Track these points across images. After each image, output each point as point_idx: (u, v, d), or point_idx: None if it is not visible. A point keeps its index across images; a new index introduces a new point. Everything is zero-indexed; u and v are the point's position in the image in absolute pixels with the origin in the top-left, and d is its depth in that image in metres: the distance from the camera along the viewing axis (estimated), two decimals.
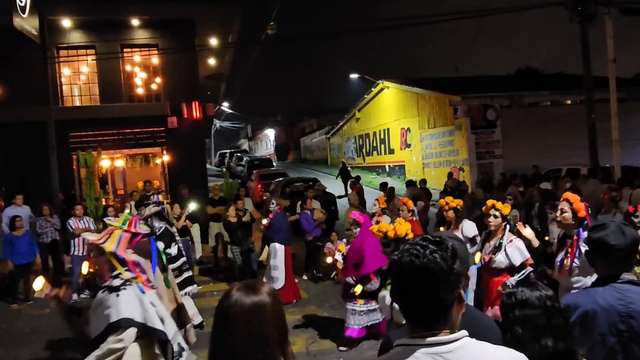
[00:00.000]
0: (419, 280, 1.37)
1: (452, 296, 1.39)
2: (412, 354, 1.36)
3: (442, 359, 1.35)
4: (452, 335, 1.38)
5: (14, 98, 14.24)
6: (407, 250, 1.40)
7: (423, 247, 1.39)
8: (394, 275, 1.43)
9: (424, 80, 23.36)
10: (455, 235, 2.18)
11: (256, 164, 26.75)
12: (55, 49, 14.72)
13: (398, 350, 1.41)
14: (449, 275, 1.37)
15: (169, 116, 15.32)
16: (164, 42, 15.48)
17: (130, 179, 17.69)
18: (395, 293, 1.45)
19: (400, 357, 1.38)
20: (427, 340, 1.36)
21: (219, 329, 1.54)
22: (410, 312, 1.41)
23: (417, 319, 1.40)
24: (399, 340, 1.44)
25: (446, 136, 19.69)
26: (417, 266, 1.36)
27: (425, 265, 1.36)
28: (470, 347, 1.39)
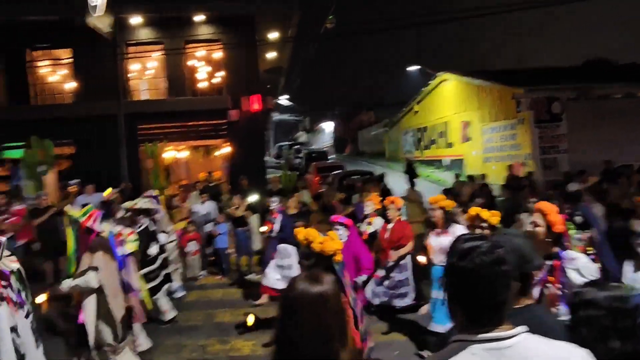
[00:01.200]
0: (474, 279, 1.39)
1: (506, 295, 1.40)
2: (470, 350, 1.38)
3: (500, 354, 1.35)
4: (512, 331, 1.38)
5: (88, 93, 15.19)
6: (470, 251, 1.41)
7: (477, 247, 1.41)
8: (460, 279, 1.44)
9: (486, 72, 22.61)
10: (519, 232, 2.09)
11: (314, 156, 27.01)
12: (125, 46, 15.49)
13: (455, 346, 1.41)
14: (504, 274, 1.39)
15: (230, 109, 15.79)
16: (226, 38, 15.94)
17: (192, 170, 18.37)
18: (454, 292, 1.46)
19: (458, 352, 1.39)
20: (486, 336, 1.37)
21: (284, 319, 1.55)
22: (469, 310, 1.42)
23: (477, 316, 1.41)
24: (455, 336, 1.44)
25: (508, 130, 19.01)
26: (474, 265, 1.39)
27: (481, 264, 1.38)
28: (529, 342, 1.39)
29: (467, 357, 1.37)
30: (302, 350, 1.49)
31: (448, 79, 23.85)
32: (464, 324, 1.44)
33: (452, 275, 1.47)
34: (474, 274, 1.40)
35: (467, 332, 1.41)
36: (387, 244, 6.55)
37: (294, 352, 1.51)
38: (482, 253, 1.40)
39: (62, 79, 15.74)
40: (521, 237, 2.06)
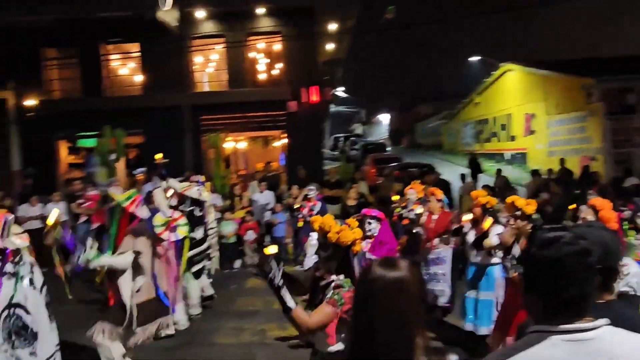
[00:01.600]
0: (567, 268, 1.36)
1: (591, 286, 1.38)
2: (550, 340, 1.35)
3: (582, 346, 1.33)
4: (594, 323, 1.36)
5: (155, 85, 15.85)
6: (554, 241, 1.39)
7: (561, 237, 1.39)
8: (542, 268, 1.40)
9: (553, 62, 21.58)
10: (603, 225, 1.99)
11: (370, 148, 26.86)
12: (190, 39, 16.01)
13: (533, 337, 1.39)
14: (590, 266, 1.36)
15: (289, 100, 15.99)
16: (286, 30, 16.13)
17: (251, 160, 18.80)
18: (533, 283, 1.43)
19: (537, 342, 1.37)
20: (568, 327, 1.35)
21: (361, 304, 1.58)
22: (550, 301, 1.40)
23: (558, 308, 1.38)
24: (534, 327, 1.42)
25: (577, 122, 18.10)
26: (575, 253, 1.36)
27: (566, 254, 1.36)
28: (612, 335, 1.36)
29: (547, 347, 1.35)
30: (378, 334, 1.51)
31: (512, 69, 22.99)
32: (542, 315, 1.41)
33: (532, 266, 1.45)
34: (557, 264, 1.36)
35: (546, 324, 1.39)
36: (431, 234, 6.48)
37: (370, 337, 1.52)
38: (566, 243, 1.37)
39: (132, 72, 16.52)
40: (607, 230, 1.99)
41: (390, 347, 1.51)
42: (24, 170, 15.31)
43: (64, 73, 16.88)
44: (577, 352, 1.32)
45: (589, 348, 1.33)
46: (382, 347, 1.51)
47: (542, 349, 1.36)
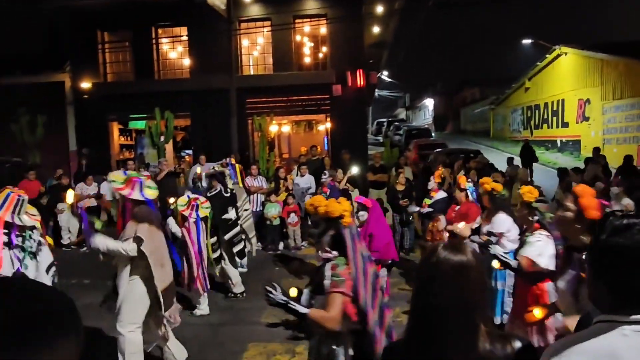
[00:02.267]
0: (632, 258, 1.30)
1: None
2: (620, 331, 1.30)
3: None
4: None
5: (203, 67, 16.11)
6: (628, 227, 1.33)
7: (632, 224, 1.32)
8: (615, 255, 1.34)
9: (612, 44, 20.51)
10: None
11: (414, 133, 26.49)
12: (238, 22, 16.12)
13: (603, 327, 1.34)
14: None
15: (334, 84, 15.91)
16: (332, 12, 15.99)
17: (294, 143, 18.89)
18: (603, 271, 1.38)
19: (608, 333, 1.32)
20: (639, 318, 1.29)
21: (424, 287, 1.56)
22: (621, 290, 1.34)
23: (630, 297, 1.32)
24: (600, 317, 1.37)
25: (636, 108, 17.21)
26: (633, 243, 1.30)
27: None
28: None
29: (618, 337, 1.30)
30: (440, 318, 1.49)
31: (566, 52, 22.03)
32: (611, 305, 1.35)
33: (602, 253, 1.39)
34: (630, 252, 1.31)
35: (616, 313, 1.33)
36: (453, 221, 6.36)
37: (431, 320, 1.51)
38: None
39: (181, 55, 16.85)
40: None
41: (452, 332, 1.49)
42: (79, 150, 15.98)
43: (117, 56, 17.42)
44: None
45: None
46: (444, 331, 1.49)
47: (612, 339, 1.30)
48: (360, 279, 2.73)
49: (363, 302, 2.70)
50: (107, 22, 16.54)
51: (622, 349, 1.28)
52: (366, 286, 2.74)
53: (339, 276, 2.71)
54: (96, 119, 16.36)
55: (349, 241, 2.80)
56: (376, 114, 51.66)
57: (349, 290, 2.70)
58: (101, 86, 16.69)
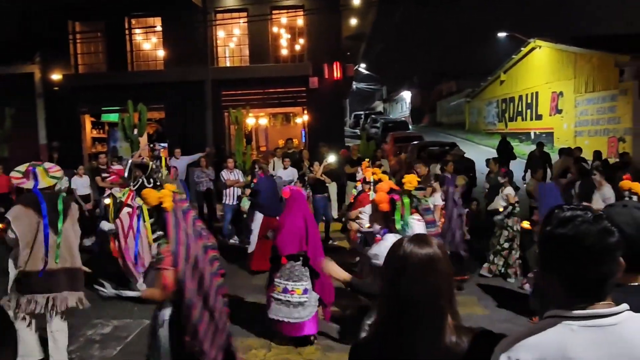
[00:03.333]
0: (585, 247, 1.30)
1: (611, 269, 1.31)
2: (568, 326, 1.30)
3: (602, 332, 1.27)
4: (615, 308, 1.29)
5: (178, 59, 15.83)
6: (571, 219, 1.32)
7: (587, 214, 1.32)
8: (559, 246, 1.34)
9: (585, 38, 20.86)
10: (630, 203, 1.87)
11: (391, 126, 26.59)
12: (213, 13, 15.86)
13: (551, 322, 1.34)
14: (610, 247, 1.30)
15: (310, 76, 15.83)
16: (310, 3, 15.87)
17: (272, 136, 18.76)
18: (550, 263, 1.37)
19: (558, 329, 1.32)
20: (586, 312, 1.29)
21: (393, 278, 1.56)
22: (567, 282, 1.34)
23: (581, 291, 1.32)
24: (551, 312, 1.37)
25: (607, 101, 17.57)
26: (594, 233, 1.29)
27: (604, 230, 1.30)
28: (635, 320, 1.30)
29: (566, 333, 1.30)
30: (409, 310, 1.50)
31: (540, 46, 22.34)
32: (561, 297, 1.35)
33: (547, 244, 1.38)
34: (575, 243, 1.30)
35: (564, 308, 1.33)
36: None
37: (400, 313, 1.52)
38: (584, 221, 1.31)
39: (155, 46, 16.51)
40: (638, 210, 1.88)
41: (420, 324, 1.50)
42: (50, 143, 15.56)
43: (89, 47, 16.98)
44: (596, 339, 1.27)
45: (609, 335, 1.27)
46: (412, 324, 1.50)
47: (560, 334, 1.30)
48: (181, 254, 3.02)
49: (181, 274, 3.01)
50: (79, 12, 16.09)
51: (570, 344, 1.29)
52: (188, 260, 3.05)
53: (160, 254, 3.11)
54: (67, 111, 15.94)
55: (170, 222, 3.08)
56: (354, 106, 51.73)
57: (167, 265, 3.04)
58: (72, 78, 16.26)
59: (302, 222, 5.31)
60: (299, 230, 5.26)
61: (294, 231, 5.24)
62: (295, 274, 5.16)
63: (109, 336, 5.55)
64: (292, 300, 5.11)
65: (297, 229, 5.26)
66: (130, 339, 5.51)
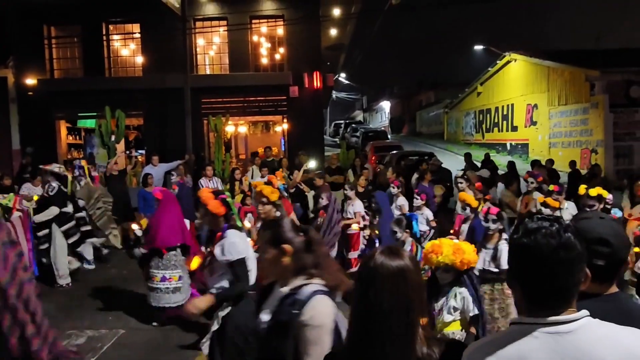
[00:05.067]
0: (539, 259, 1.33)
1: (574, 278, 1.35)
2: (531, 333, 1.33)
3: (562, 339, 1.30)
4: (572, 315, 1.33)
5: (156, 66, 15.72)
6: (535, 230, 1.35)
7: (551, 226, 1.35)
8: (520, 256, 1.38)
9: (558, 52, 21.44)
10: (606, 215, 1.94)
11: (371, 135, 26.76)
12: (193, 21, 15.83)
13: (514, 329, 1.38)
14: (574, 257, 1.33)
15: (290, 85, 15.89)
16: (290, 13, 15.96)
17: (251, 144, 18.71)
18: (518, 274, 1.41)
19: (518, 336, 1.35)
20: (546, 320, 1.33)
21: (364, 290, 1.56)
22: (527, 290, 1.38)
23: (541, 300, 1.36)
24: (514, 319, 1.41)
25: (579, 114, 18.06)
26: (553, 246, 1.32)
27: (563, 244, 1.32)
28: (592, 327, 1.33)
29: (528, 340, 1.33)
30: (379, 322, 1.51)
31: (515, 59, 22.87)
32: (524, 305, 1.40)
33: (511, 253, 1.44)
34: (533, 253, 1.34)
35: (526, 315, 1.38)
36: None
37: (370, 325, 1.52)
38: (548, 234, 1.33)
39: (133, 52, 16.37)
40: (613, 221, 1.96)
41: (391, 336, 1.50)
42: (23, 149, 15.24)
43: (65, 52, 16.72)
44: (554, 346, 1.30)
45: (570, 340, 1.30)
46: (383, 335, 1.51)
47: (519, 342, 1.34)
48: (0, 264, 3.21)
49: (4, 282, 3.20)
50: (55, 16, 15.85)
51: (530, 350, 1.32)
52: (6, 268, 3.21)
53: None
54: (42, 116, 15.65)
55: None
56: (334, 115, 51.95)
57: None
58: (47, 83, 15.98)
59: (178, 217, 6.07)
60: (179, 225, 6.03)
61: (174, 226, 5.93)
62: (172, 262, 5.78)
63: (83, 347, 5.45)
64: (170, 287, 5.74)
65: (177, 223, 6.01)
66: (105, 349, 5.41)
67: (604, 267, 1.71)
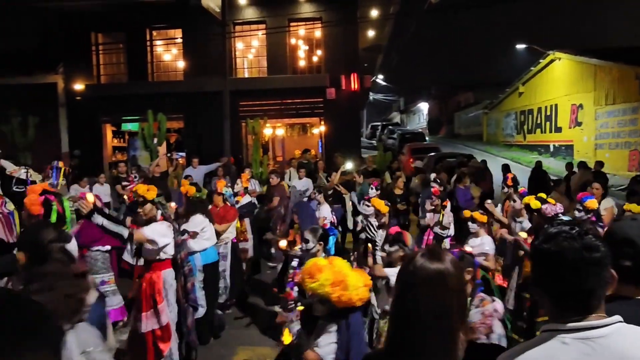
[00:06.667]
0: (563, 263, 1.34)
1: (600, 283, 1.33)
2: (562, 339, 1.33)
3: (594, 343, 1.29)
4: (605, 320, 1.32)
5: (197, 70, 16.07)
6: (556, 235, 1.36)
7: (572, 230, 1.36)
8: (544, 262, 1.39)
9: (605, 50, 20.64)
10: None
11: (408, 137, 26.50)
12: (232, 25, 16.10)
13: (545, 336, 1.37)
14: (597, 261, 1.33)
15: (328, 87, 15.92)
16: (327, 15, 16.00)
17: (289, 146, 18.85)
18: (538, 277, 1.42)
19: (548, 342, 1.35)
20: (577, 325, 1.32)
21: (402, 293, 1.55)
22: (554, 296, 1.38)
23: (563, 303, 1.36)
24: (545, 326, 1.40)
25: (628, 114, 17.32)
26: (576, 248, 1.33)
27: (586, 246, 1.33)
28: (625, 332, 1.31)
29: (559, 346, 1.33)
30: (418, 325, 1.48)
31: (560, 57, 22.16)
32: (552, 312, 1.39)
33: (535, 259, 1.43)
34: (557, 258, 1.34)
35: (556, 321, 1.37)
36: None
37: (409, 328, 1.50)
38: (570, 237, 1.34)
39: (175, 57, 16.80)
40: None
41: (430, 339, 1.47)
42: (71, 151, 15.87)
43: (110, 58, 17.34)
44: (586, 351, 1.29)
45: (601, 345, 1.29)
46: (422, 339, 1.48)
47: (551, 348, 1.34)
48: None
49: None
50: (101, 24, 16.48)
51: (562, 357, 1.31)
52: None
53: None
54: (89, 120, 16.27)
55: None
56: (371, 117, 51.71)
57: None
58: (94, 88, 16.60)
59: None
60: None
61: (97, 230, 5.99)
62: (107, 265, 5.69)
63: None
64: (109, 290, 5.62)
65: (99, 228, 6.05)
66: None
67: (632, 268, 1.68)
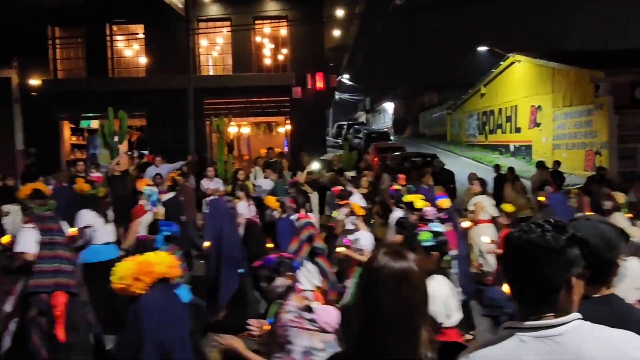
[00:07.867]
0: (524, 256, 1.35)
1: (559, 279, 1.34)
2: (520, 337, 1.34)
3: (552, 342, 1.30)
4: (561, 319, 1.33)
5: (160, 67, 15.74)
6: (529, 230, 1.38)
7: (537, 226, 1.37)
8: (511, 257, 1.41)
9: (563, 53, 21.36)
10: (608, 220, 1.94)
11: (373, 136, 26.72)
12: (196, 22, 15.84)
13: (504, 333, 1.39)
14: (557, 256, 1.33)
15: (293, 86, 15.87)
16: (293, 14, 15.95)
17: (254, 145, 18.70)
18: (506, 271, 1.44)
19: (507, 340, 1.36)
20: (534, 323, 1.33)
21: (367, 291, 1.54)
22: (517, 293, 1.41)
23: (523, 300, 1.39)
24: (506, 323, 1.42)
25: (583, 116, 17.96)
26: (523, 241, 1.35)
27: (531, 240, 1.34)
28: (583, 329, 1.32)
29: (516, 344, 1.34)
30: (381, 324, 1.48)
31: (519, 60, 22.77)
32: (518, 308, 1.42)
33: (506, 252, 1.45)
34: (523, 252, 1.36)
35: (518, 319, 1.39)
36: None
37: (373, 326, 1.50)
38: (540, 234, 1.35)
39: (136, 53, 16.39)
40: (607, 222, 1.94)
41: (393, 337, 1.47)
42: (26, 149, 15.27)
43: (68, 53, 16.76)
44: (544, 349, 1.30)
45: (559, 344, 1.30)
46: (385, 336, 1.48)
47: (511, 346, 1.35)
48: None
49: None
50: (59, 18, 15.91)
51: (521, 355, 1.33)
52: None
53: None
54: (45, 117, 15.69)
55: None
56: (337, 116, 51.88)
57: None
58: (51, 83, 16.02)
59: None
60: None
61: None
62: None
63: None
64: None
65: None
66: None
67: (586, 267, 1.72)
